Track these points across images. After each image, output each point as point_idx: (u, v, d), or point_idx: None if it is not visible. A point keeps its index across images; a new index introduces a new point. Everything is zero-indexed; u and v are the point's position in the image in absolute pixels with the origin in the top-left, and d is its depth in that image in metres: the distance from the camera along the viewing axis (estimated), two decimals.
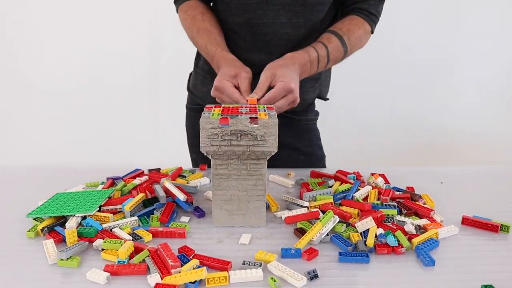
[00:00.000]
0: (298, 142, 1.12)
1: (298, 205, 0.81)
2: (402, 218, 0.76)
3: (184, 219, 0.78)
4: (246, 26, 0.97)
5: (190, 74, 1.20)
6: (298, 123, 1.11)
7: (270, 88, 0.83)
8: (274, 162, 0.94)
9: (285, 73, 0.82)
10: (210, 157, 0.72)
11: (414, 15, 2.05)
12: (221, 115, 0.71)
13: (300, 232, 0.71)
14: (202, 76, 1.11)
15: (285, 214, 0.78)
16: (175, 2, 1.05)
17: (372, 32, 1.00)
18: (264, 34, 0.96)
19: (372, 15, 0.97)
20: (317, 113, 1.16)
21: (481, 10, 2.09)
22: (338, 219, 0.72)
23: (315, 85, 1.08)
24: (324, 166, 1.16)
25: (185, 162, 1.19)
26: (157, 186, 0.86)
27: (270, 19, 0.94)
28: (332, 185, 0.91)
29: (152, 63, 2.20)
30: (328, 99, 1.16)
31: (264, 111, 0.74)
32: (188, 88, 1.19)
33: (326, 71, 1.11)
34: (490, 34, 2.13)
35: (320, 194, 0.83)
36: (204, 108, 0.77)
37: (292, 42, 0.97)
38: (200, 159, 1.16)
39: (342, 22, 0.96)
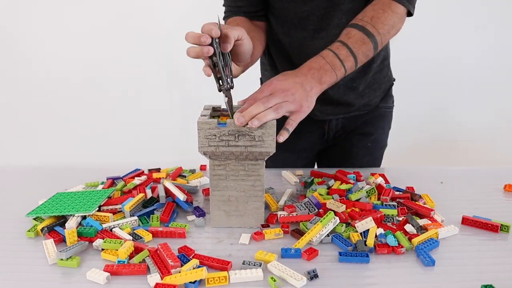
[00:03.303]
0: (371, 128, 1.12)
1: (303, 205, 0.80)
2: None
3: (190, 218, 0.79)
4: (298, 46, 0.97)
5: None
6: (376, 109, 1.11)
7: None
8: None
9: (272, 78, 0.77)
10: (207, 158, 0.72)
11: (416, 13, 2.05)
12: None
13: (297, 233, 0.71)
14: (264, 69, 1.14)
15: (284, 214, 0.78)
16: (223, 19, 1.01)
17: (410, 13, 0.90)
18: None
19: None
20: (393, 100, 1.18)
21: (483, 9, 2.09)
22: (338, 221, 0.72)
23: (385, 63, 1.07)
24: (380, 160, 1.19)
25: (185, 162, 1.19)
26: (159, 185, 0.86)
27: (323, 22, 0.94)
28: (332, 185, 0.91)
29: (152, 63, 2.20)
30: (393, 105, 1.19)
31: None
32: (261, 82, 1.18)
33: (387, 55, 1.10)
34: (489, 34, 2.13)
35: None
36: (203, 109, 0.77)
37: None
38: None
39: (364, 11, 0.88)
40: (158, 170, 1.01)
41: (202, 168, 1.05)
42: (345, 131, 1.11)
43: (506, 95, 2.22)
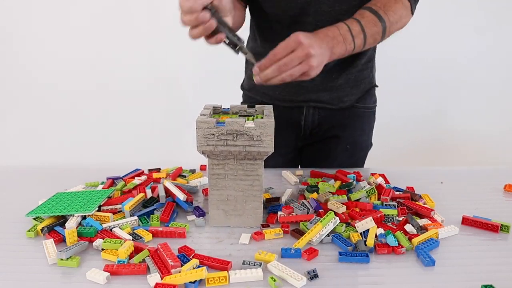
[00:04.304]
0: (350, 130, 1.09)
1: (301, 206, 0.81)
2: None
3: (190, 218, 0.79)
4: (287, 17, 0.94)
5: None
6: (354, 110, 1.09)
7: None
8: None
9: (297, 33, 0.74)
10: (206, 157, 0.72)
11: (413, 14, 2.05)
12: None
13: (297, 233, 0.71)
14: (250, 70, 1.12)
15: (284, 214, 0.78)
16: None
17: (412, 12, 0.93)
18: (303, 23, 0.93)
19: None
20: (375, 100, 1.14)
21: (482, 9, 2.09)
22: (338, 221, 0.72)
23: (368, 64, 1.06)
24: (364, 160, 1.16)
25: (185, 162, 1.19)
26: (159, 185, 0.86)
27: (312, 7, 0.91)
28: (333, 185, 0.91)
29: (152, 63, 2.20)
30: (377, 86, 1.14)
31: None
32: (242, 86, 1.17)
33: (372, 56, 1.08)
34: (489, 34, 2.13)
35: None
36: (203, 108, 0.77)
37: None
38: None
39: None
40: (158, 170, 1.01)
41: (202, 168, 1.05)
42: (322, 128, 1.09)
43: (506, 95, 2.22)
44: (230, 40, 0.73)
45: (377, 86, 1.13)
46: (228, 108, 0.82)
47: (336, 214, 0.74)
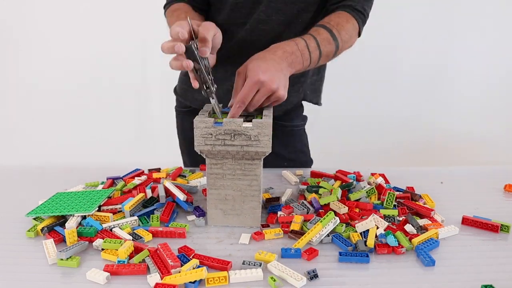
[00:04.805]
0: (281, 148, 1.08)
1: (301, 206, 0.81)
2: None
3: (190, 218, 0.78)
4: (232, 25, 0.94)
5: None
6: (282, 129, 1.07)
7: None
8: None
9: (255, 65, 0.73)
10: (204, 156, 0.72)
11: (411, 15, 2.05)
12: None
13: (295, 234, 0.71)
14: (183, 74, 1.11)
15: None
16: (164, 7, 1.02)
17: (359, 33, 0.95)
18: (245, 31, 0.93)
19: (358, 12, 0.92)
20: (304, 118, 1.13)
21: (480, 10, 2.09)
22: (338, 221, 0.72)
23: (299, 89, 1.05)
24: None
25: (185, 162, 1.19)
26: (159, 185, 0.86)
27: (249, 17, 0.92)
28: (333, 185, 0.91)
29: (152, 64, 2.20)
30: (321, 104, 1.13)
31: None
32: (175, 90, 1.17)
33: (314, 74, 1.08)
34: (489, 34, 2.13)
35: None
36: (203, 108, 0.77)
37: (270, 39, 0.91)
38: (191, 162, 1.16)
39: (329, 17, 0.90)
40: (158, 170, 1.01)
41: (202, 168, 1.04)
42: None
43: (507, 94, 2.22)
44: (204, 79, 0.72)
45: (320, 105, 1.12)
46: (228, 108, 0.82)
47: (336, 214, 0.74)
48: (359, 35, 0.95)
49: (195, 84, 0.73)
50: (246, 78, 0.73)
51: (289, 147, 1.11)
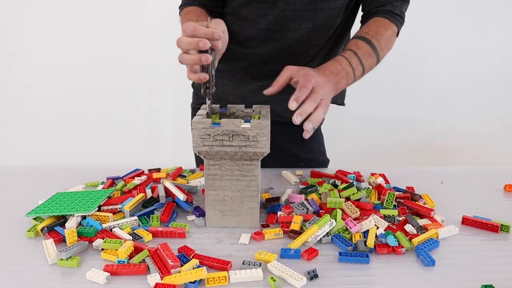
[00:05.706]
0: (298, 149, 1.09)
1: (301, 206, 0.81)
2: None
3: (190, 218, 0.78)
4: (258, 36, 0.96)
5: None
6: (301, 130, 1.08)
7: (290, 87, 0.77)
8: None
9: (308, 72, 0.76)
10: (202, 157, 0.72)
11: (411, 15, 2.05)
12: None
13: (294, 233, 0.71)
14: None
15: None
16: (179, 7, 1.03)
17: (397, 34, 0.96)
18: (275, 39, 0.94)
19: (397, 15, 0.94)
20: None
21: (480, 10, 2.09)
22: (335, 223, 0.71)
23: None
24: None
25: (185, 162, 1.19)
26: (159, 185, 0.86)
27: (279, 25, 0.93)
28: (338, 186, 0.91)
29: (152, 63, 2.20)
30: (344, 104, 1.14)
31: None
32: (193, 84, 1.17)
33: None
34: (489, 34, 2.13)
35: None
36: (201, 108, 0.77)
37: (299, 46, 0.94)
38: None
39: (368, 25, 0.92)
40: (158, 170, 1.01)
41: (202, 168, 1.04)
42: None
43: (507, 94, 2.22)
44: (207, 81, 0.73)
45: (343, 105, 1.13)
46: (225, 109, 0.83)
47: (344, 215, 0.74)
48: (397, 34, 0.97)
49: (205, 77, 0.72)
50: (302, 77, 0.75)
51: (306, 147, 1.11)
